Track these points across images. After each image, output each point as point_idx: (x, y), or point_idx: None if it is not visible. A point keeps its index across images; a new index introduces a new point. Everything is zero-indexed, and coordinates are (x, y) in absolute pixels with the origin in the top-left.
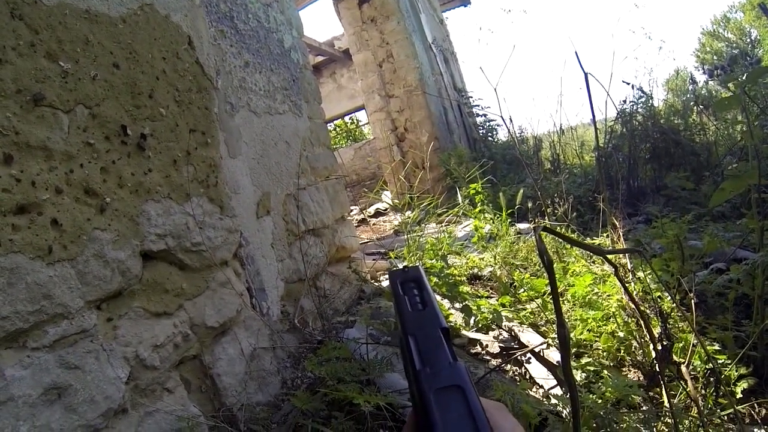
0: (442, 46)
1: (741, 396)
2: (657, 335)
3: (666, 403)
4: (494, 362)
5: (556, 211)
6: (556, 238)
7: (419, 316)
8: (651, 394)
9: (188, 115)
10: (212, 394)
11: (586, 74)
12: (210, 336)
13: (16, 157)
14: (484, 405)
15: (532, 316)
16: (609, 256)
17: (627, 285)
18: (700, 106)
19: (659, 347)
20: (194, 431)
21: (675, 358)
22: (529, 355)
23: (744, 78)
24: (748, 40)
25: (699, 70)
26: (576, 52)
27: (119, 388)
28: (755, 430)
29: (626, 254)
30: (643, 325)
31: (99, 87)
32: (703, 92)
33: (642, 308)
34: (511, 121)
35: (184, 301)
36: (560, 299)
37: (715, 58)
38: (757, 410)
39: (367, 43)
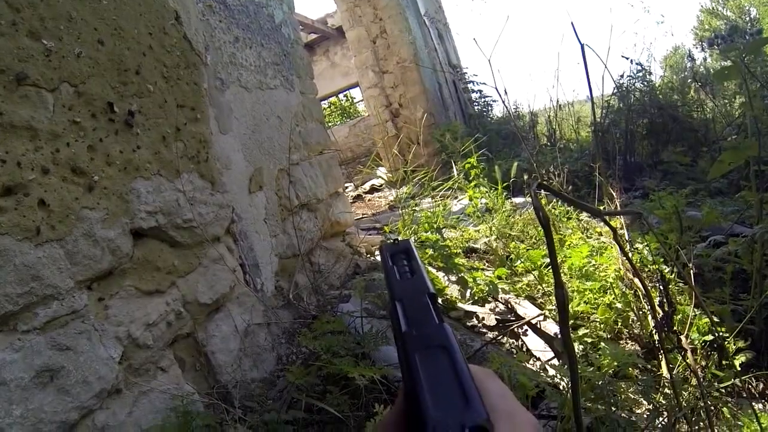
0: (435, 17)
1: (739, 369)
2: (657, 303)
3: (665, 373)
4: (491, 335)
5: (551, 182)
6: (553, 210)
7: (407, 284)
8: (648, 366)
9: (177, 91)
10: (207, 371)
11: (582, 46)
12: (203, 313)
13: (0, 138)
14: (472, 370)
15: (528, 289)
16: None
17: (625, 249)
18: (698, 83)
19: (660, 314)
20: (189, 409)
21: (673, 327)
22: (525, 327)
23: (745, 48)
24: (748, 18)
25: (697, 48)
26: (572, 24)
27: (112, 369)
28: (753, 404)
29: (624, 227)
30: (641, 290)
31: (84, 64)
32: (701, 69)
33: (640, 274)
34: (506, 93)
35: (176, 278)
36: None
37: (713, 36)
38: (755, 384)
39: (360, 19)
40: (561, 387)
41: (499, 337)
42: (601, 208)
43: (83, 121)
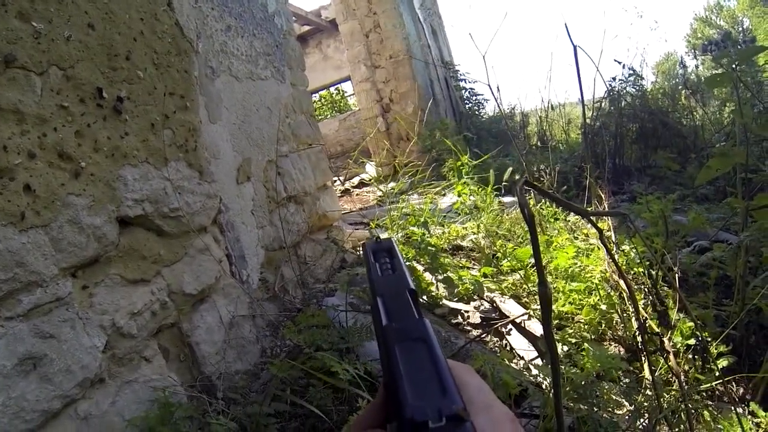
0: (430, 9)
1: (720, 373)
2: (650, 302)
3: (647, 375)
4: (475, 333)
5: (542, 182)
6: (540, 212)
7: (388, 280)
8: (631, 368)
9: (167, 78)
10: (191, 362)
11: (575, 47)
12: (188, 303)
13: None
14: (451, 364)
15: (513, 288)
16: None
17: (611, 251)
18: (689, 90)
19: (654, 313)
20: (171, 401)
21: (656, 329)
22: (510, 326)
23: (737, 55)
24: (740, 28)
25: (689, 56)
26: (566, 25)
27: (96, 357)
28: (733, 408)
29: (611, 229)
30: (626, 293)
31: (73, 48)
32: (692, 77)
33: (625, 276)
34: (498, 90)
35: (161, 267)
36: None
37: (707, 42)
38: (735, 388)
39: (354, 12)
40: (544, 386)
41: (483, 336)
42: (589, 209)
43: (71, 105)
